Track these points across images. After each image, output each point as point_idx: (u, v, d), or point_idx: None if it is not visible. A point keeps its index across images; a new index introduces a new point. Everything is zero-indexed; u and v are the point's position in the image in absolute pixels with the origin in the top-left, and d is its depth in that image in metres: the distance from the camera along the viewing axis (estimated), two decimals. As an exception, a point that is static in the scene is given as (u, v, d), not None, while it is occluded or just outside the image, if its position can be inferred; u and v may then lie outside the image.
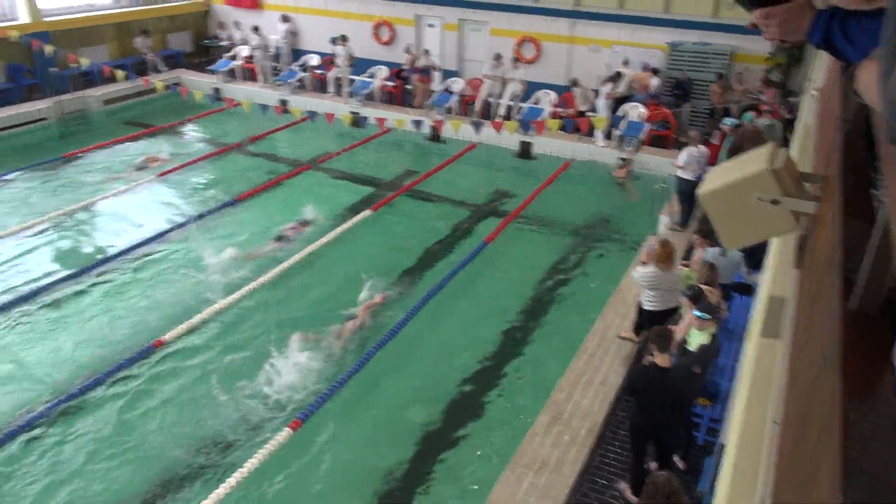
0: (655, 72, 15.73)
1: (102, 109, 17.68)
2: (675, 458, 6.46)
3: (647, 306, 7.73)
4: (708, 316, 6.09)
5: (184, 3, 21.75)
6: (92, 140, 15.49)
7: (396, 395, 7.88)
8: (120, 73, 15.18)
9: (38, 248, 10.87)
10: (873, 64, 1.48)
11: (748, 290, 8.69)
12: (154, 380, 7.94)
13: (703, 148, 10.90)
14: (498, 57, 16.68)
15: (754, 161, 2.58)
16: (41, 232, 11.34)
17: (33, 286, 9.65)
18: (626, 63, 16.14)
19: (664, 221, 11.24)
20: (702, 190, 2.74)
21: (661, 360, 5.70)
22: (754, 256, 8.41)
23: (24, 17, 17.20)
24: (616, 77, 15.27)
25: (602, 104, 14.98)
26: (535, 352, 8.68)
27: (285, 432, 6.91)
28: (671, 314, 7.62)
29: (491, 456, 6.93)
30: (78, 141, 15.51)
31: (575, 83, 15.85)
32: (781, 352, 2.15)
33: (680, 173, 10.94)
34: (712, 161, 11.02)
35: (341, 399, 7.63)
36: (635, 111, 15.06)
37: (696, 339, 6.24)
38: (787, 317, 2.33)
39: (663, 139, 15.25)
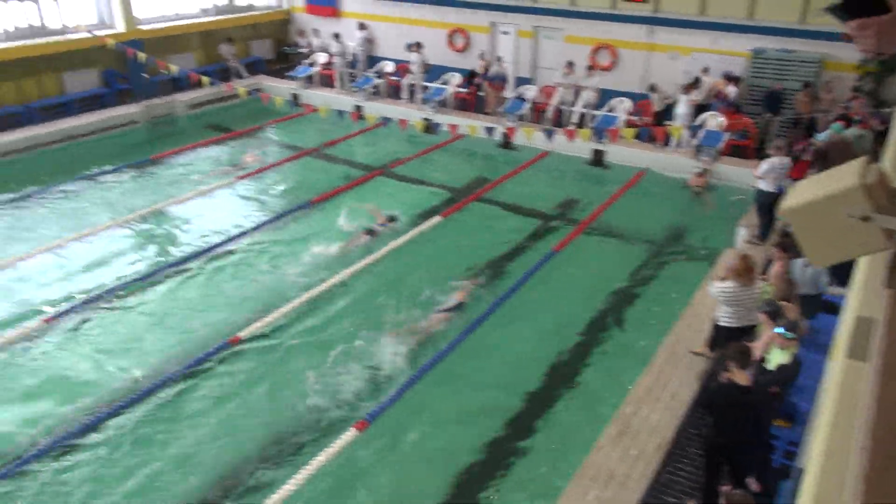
0: (730, 79, 15.28)
1: (187, 114, 18.51)
2: (749, 480, 6.23)
3: (723, 322, 7.47)
4: (792, 335, 5.85)
5: (266, 11, 22.54)
6: (178, 142, 16.23)
7: (461, 400, 7.91)
8: (205, 79, 15.85)
9: (127, 244, 11.46)
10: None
11: (833, 308, 8.31)
12: (229, 374, 8.24)
13: (785, 159, 10.49)
14: (570, 64, 16.52)
15: (845, 176, 2.48)
16: (130, 228, 11.96)
17: (120, 280, 10.19)
18: (705, 70, 15.73)
19: (742, 234, 10.89)
20: (786, 205, 2.65)
21: (741, 377, 5.51)
22: (841, 269, 8.01)
23: (119, 26, 18.20)
24: (696, 83, 14.88)
25: (683, 112, 14.63)
26: (603, 363, 8.56)
27: (351, 432, 7.05)
28: (749, 332, 7.35)
29: (556, 467, 6.87)
30: (165, 143, 16.28)
31: (653, 88, 15.55)
32: (869, 375, 2.06)
33: (760, 184, 10.56)
34: (798, 175, 10.60)
35: (406, 401, 7.71)
36: (714, 120, 14.65)
37: (777, 358, 6.01)
38: (877, 339, 2.23)
39: (743, 149, 14.77)
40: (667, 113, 15.54)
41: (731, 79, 15.31)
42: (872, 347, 2.24)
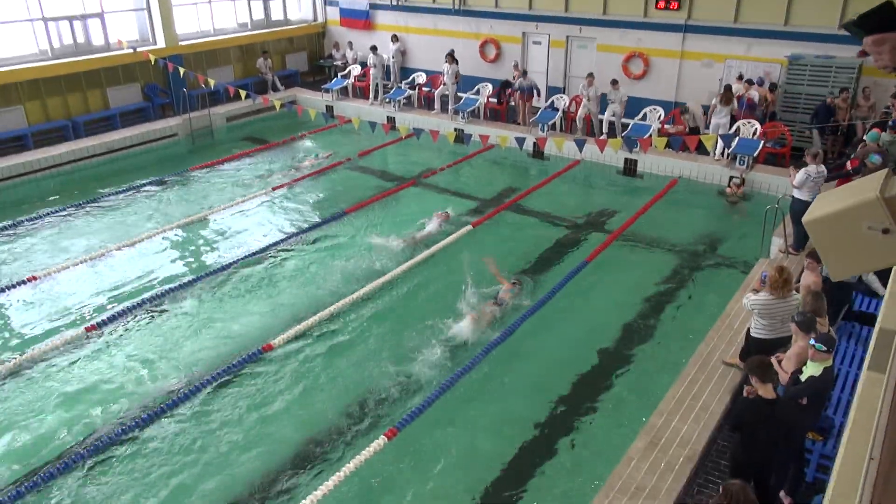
0: (751, 84, 15.14)
1: (225, 126, 18.95)
2: (782, 494, 6.15)
3: (756, 334, 7.37)
4: (824, 347, 5.77)
5: (302, 25, 22.97)
6: (216, 154, 16.64)
7: (490, 408, 7.95)
8: (242, 93, 16.23)
9: (166, 253, 11.78)
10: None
11: (871, 320, 8.16)
12: (262, 380, 8.39)
13: (821, 167, 10.32)
14: (590, 75, 16.38)
15: (865, 188, 2.49)
16: (169, 238, 12.30)
17: (160, 288, 10.46)
18: (740, 78, 15.57)
19: (777, 244, 10.73)
20: (807, 216, 2.66)
21: (765, 391, 5.45)
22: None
23: (161, 42, 18.74)
24: (728, 93, 14.71)
25: (723, 122, 14.51)
26: (634, 374, 8.51)
27: (381, 440, 7.14)
28: (783, 343, 7.24)
29: (584, 478, 6.86)
30: (203, 155, 16.70)
31: (685, 111, 15.39)
32: (885, 387, 2.07)
33: (795, 193, 10.41)
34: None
35: (436, 409, 7.76)
36: (748, 128, 14.48)
37: (808, 371, 5.93)
38: (896, 351, 2.23)
39: (779, 157, 14.56)
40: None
41: (751, 83, 15.20)
42: (892, 359, 2.25)
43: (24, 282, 10.53)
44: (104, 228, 12.71)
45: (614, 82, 16.16)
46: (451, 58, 18.22)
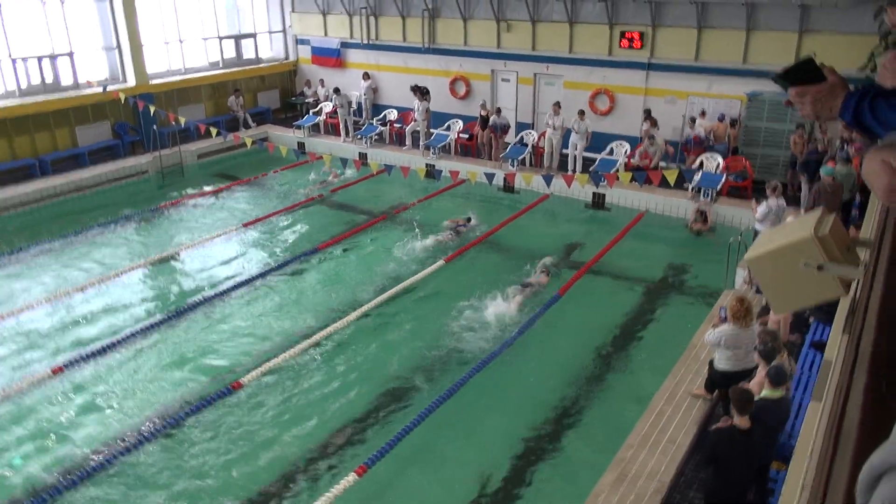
0: (693, 120, 15.73)
1: (196, 163, 18.92)
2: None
3: (722, 366, 7.49)
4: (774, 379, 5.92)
5: (273, 63, 23.17)
6: (186, 191, 16.60)
7: (459, 445, 7.94)
8: (213, 130, 16.27)
9: (137, 291, 11.67)
10: (879, 153, 1.57)
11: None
12: (232, 419, 8.31)
13: (781, 200, 10.65)
14: (557, 104, 16.69)
15: (801, 227, 2.62)
16: (140, 275, 12.21)
17: (130, 327, 10.33)
18: (703, 113, 16.06)
19: (741, 275, 10.97)
20: (748, 255, 2.79)
21: (742, 422, 5.55)
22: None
23: (131, 80, 18.75)
24: (648, 115, 15.46)
25: (660, 143, 15.24)
26: (603, 407, 8.58)
27: (351, 477, 7.09)
28: (747, 374, 7.37)
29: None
30: (174, 192, 16.65)
31: (651, 136, 15.79)
32: (819, 416, 2.17)
33: (757, 226, 10.72)
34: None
35: (407, 443, 7.73)
36: (712, 162, 14.88)
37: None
38: (832, 381, 2.34)
39: (741, 190, 14.96)
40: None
41: (693, 121, 15.74)
42: (828, 388, 2.36)
43: (-14, 323, 10.34)
44: (72, 267, 12.54)
45: (581, 113, 16.39)
46: (422, 94, 18.48)
